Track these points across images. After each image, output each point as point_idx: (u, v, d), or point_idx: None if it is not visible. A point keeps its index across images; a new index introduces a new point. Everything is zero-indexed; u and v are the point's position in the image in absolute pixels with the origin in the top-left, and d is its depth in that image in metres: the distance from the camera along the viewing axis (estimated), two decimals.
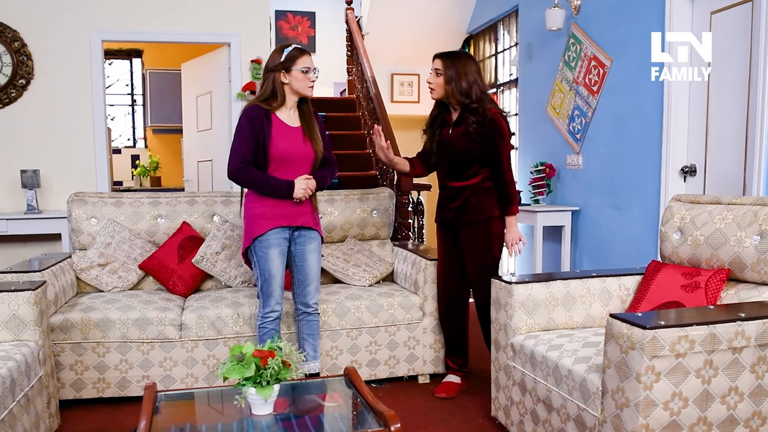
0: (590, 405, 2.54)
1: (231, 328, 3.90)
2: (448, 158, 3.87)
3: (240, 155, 3.47)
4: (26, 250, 6.27)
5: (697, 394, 2.27)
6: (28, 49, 6.12)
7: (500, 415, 3.36)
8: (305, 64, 3.49)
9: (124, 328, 3.77)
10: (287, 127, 3.54)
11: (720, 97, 4.51)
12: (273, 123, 3.50)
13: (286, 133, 3.53)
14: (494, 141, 3.71)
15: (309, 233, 3.65)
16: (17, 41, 6.07)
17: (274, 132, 3.49)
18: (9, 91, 6.10)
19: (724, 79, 4.44)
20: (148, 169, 9.67)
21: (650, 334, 2.19)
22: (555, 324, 3.23)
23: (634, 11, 5.18)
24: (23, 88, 6.14)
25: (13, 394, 2.65)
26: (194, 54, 7.77)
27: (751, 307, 2.48)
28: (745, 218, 2.92)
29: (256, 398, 2.44)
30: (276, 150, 3.48)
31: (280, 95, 3.53)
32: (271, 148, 3.47)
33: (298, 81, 3.50)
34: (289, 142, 3.52)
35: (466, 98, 3.72)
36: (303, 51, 3.52)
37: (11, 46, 6.05)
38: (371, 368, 4.13)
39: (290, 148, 3.52)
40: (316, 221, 3.69)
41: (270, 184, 3.49)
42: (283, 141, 3.50)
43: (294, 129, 3.56)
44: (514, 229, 3.83)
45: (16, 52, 6.07)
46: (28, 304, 3.03)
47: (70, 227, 4.44)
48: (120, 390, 3.81)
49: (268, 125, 3.48)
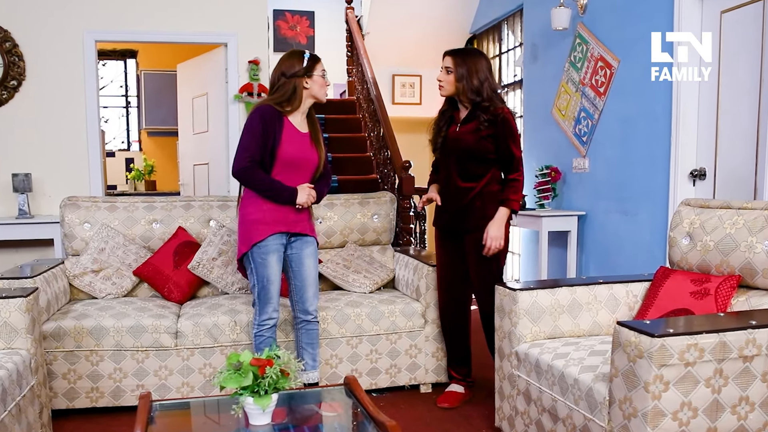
0: (597, 415, 2.54)
1: (228, 336, 3.91)
2: (456, 155, 3.85)
3: (249, 154, 3.48)
4: (18, 255, 6.26)
5: (706, 404, 2.27)
6: (19, 50, 6.12)
7: (504, 425, 3.36)
8: (322, 68, 3.61)
9: (118, 336, 3.77)
10: (297, 132, 3.57)
11: (730, 98, 4.50)
12: (285, 126, 3.53)
13: (296, 137, 3.56)
14: (506, 141, 3.71)
15: (305, 238, 3.67)
16: (8, 41, 6.07)
17: (284, 135, 3.51)
18: (0, 92, 6.11)
19: (734, 80, 4.44)
20: (143, 173, 9.67)
21: (659, 342, 2.18)
22: (561, 332, 3.23)
23: (641, 10, 5.17)
24: (15, 90, 6.14)
25: (5, 404, 2.65)
26: (190, 54, 7.76)
27: (763, 315, 2.47)
28: (756, 223, 2.92)
29: (253, 408, 2.44)
30: (284, 154, 3.50)
31: (298, 100, 3.57)
32: (279, 151, 3.49)
33: (317, 85, 3.58)
34: (297, 147, 3.55)
35: (477, 96, 3.72)
36: (318, 57, 3.64)
37: (2, 46, 6.06)
38: (372, 377, 4.13)
39: (298, 153, 3.55)
40: (312, 227, 3.72)
41: (275, 189, 3.50)
42: (292, 145, 3.53)
43: (303, 134, 3.60)
44: (500, 223, 3.71)
45: (7, 53, 6.07)
46: (20, 311, 3.03)
47: (62, 232, 4.44)
48: (114, 399, 3.81)
49: (280, 127, 3.51)
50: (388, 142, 6.74)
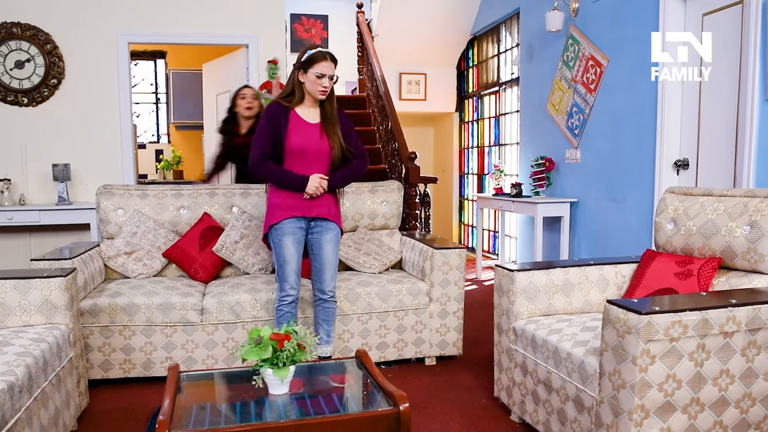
0: (588, 386, 2.52)
1: (249, 312, 3.90)
2: None
3: (259, 149, 3.47)
4: (57, 239, 6.29)
5: (690, 376, 2.24)
6: (59, 51, 6.13)
7: (503, 395, 3.34)
8: (321, 69, 3.40)
9: (148, 313, 3.77)
10: (304, 123, 3.51)
11: (712, 94, 4.46)
12: (291, 119, 3.48)
13: (303, 128, 3.50)
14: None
15: (326, 224, 3.62)
16: (49, 44, 6.08)
17: (290, 127, 3.47)
18: (42, 90, 6.11)
19: (715, 78, 4.39)
20: (171, 163, 9.67)
21: (645, 319, 2.16)
22: (555, 309, 3.21)
23: (629, 13, 5.13)
24: (55, 88, 6.16)
25: (46, 374, 2.65)
26: (214, 55, 7.76)
27: (742, 294, 2.45)
28: (735, 209, 2.89)
29: (272, 379, 2.43)
30: (291, 144, 3.46)
31: (297, 92, 3.51)
32: (286, 142, 3.45)
33: (310, 83, 3.44)
34: (304, 137, 3.49)
35: None
36: (324, 55, 3.41)
37: (44, 48, 6.06)
38: (381, 351, 4.11)
39: (305, 142, 3.48)
40: (334, 213, 3.64)
41: (287, 178, 3.47)
42: (299, 136, 3.47)
43: (311, 125, 3.53)
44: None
45: (48, 54, 6.08)
46: (60, 289, 3.02)
47: (98, 218, 4.43)
48: (145, 370, 3.81)
49: (285, 121, 3.46)
50: (395, 134, 6.72)
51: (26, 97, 6.10)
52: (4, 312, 2.95)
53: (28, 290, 2.98)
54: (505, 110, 8.32)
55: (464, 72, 9.52)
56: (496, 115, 8.64)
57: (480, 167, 9.24)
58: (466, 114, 9.60)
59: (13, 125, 6.10)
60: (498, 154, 8.53)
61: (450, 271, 4.14)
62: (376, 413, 2.31)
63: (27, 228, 6.26)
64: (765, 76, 3.86)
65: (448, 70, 9.57)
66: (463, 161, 9.85)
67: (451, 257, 4.14)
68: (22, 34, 6.03)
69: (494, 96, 8.68)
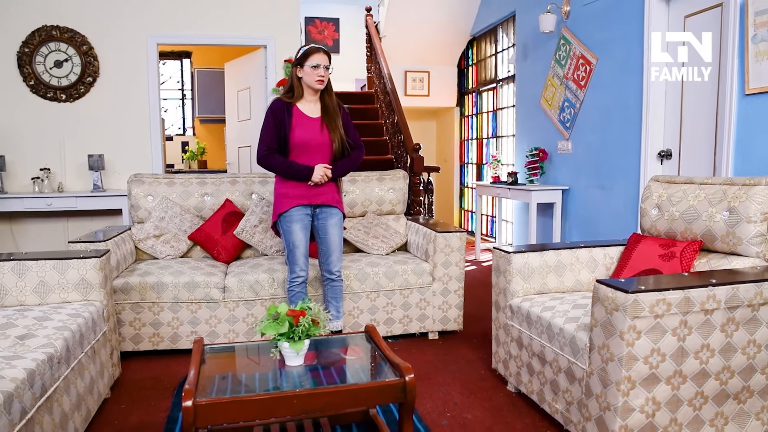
0: (579, 359, 2.50)
1: (267, 290, 3.89)
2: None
3: (266, 144, 3.45)
4: (92, 223, 6.30)
5: (673, 350, 2.22)
6: (94, 52, 6.11)
7: (500, 367, 3.32)
8: (316, 61, 3.39)
9: (175, 291, 3.76)
10: (306, 117, 3.48)
11: (693, 91, 4.41)
12: (293, 114, 3.46)
13: (305, 123, 3.47)
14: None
15: (330, 210, 3.60)
16: (85, 45, 6.06)
17: (294, 122, 3.44)
18: (78, 87, 6.10)
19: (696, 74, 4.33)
20: (196, 154, 9.65)
21: (632, 297, 2.13)
22: (548, 288, 3.18)
23: (616, 16, 5.07)
24: (90, 85, 6.14)
25: (82, 346, 2.64)
26: (235, 55, 7.73)
27: (721, 274, 2.41)
28: (715, 196, 2.85)
29: (288, 351, 2.42)
30: (295, 138, 3.43)
31: (297, 89, 3.49)
32: (290, 136, 3.43)
33: (307, 75, 3.43)
34: (306, 131, 3.46)
35: None
36: (317, 49, 3.42)
37: (80, 49, 6.04)
38: (388, 326, 4.10)
39: (307, 136, 3.45)
40: (337, 200, 3.63)
41: (292, 169, 3.45)
42: (301, 130, 3.45)
43: (313, 119, 3.49)
44: None
45: (84, 54, 6.06)
46: (95, 269, 3.02)
47: (129, 204, 4.42)
48: (172, 343, 3.81)
49: (288, 116, 3.44)
50: (401, 127, 6.69)
51: (64, 94, 6.08)
52: (44, 290, 2.95)
53: (66, 270, 2.98)
54: (502, 105, 8.26)
55: (464, 70, 9.45)
56: (493, 109, 8.58)
57: (479, 157, 9.18)
58: (466, 108, 9.54)
59: (52, 119, 6.09)
60: (495, 146, 8.47)
61: (451, 252, 4.12)
62: (384, 383, 2.30)
63: (65, 213, 6.27)
64: (743, 73, 3.80)
65: (450, 68, 9.51)
66: (463, 152, 9.79)
67: (452, 240, 4.11)
68: (60, 36, 6.01)
69: (492, 92, 8.61)
